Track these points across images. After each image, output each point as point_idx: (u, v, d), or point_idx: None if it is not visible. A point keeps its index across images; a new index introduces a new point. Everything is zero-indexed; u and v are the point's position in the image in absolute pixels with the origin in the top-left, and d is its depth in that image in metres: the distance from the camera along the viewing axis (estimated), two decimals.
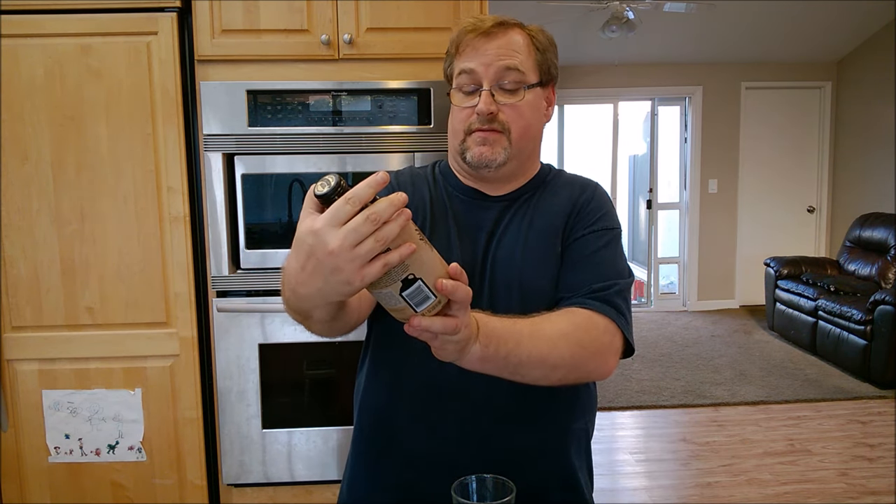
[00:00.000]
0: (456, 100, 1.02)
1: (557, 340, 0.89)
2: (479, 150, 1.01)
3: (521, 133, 1.02)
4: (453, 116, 1.05)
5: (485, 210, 1.06)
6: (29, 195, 1.95)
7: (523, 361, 0.86)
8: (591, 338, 0.93)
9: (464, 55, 1.01)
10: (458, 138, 1.03)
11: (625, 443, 3.44)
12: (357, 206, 0.62)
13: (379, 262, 0.64)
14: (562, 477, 1.07)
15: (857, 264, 5.02)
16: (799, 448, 3.23)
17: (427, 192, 1.09)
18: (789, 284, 5.04)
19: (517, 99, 1.00)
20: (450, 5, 1.98)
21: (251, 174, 2.01)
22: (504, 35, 1.00)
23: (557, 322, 0.92)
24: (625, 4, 4.36)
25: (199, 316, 2.04)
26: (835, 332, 4.42)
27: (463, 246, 1.04)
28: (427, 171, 1.14)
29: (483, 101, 0.98)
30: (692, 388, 4.10)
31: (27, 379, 2.01)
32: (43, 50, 1.91)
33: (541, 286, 1.02)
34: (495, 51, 0.99)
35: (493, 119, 0.99)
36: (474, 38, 0.99)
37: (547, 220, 1.05)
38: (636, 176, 7.48)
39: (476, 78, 1.00)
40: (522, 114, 1.01)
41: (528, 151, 1.06)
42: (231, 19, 1.96)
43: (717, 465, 3.08)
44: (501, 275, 1.02)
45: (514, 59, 1.00)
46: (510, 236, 1.04)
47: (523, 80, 1.01)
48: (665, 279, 6.49)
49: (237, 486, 2.13)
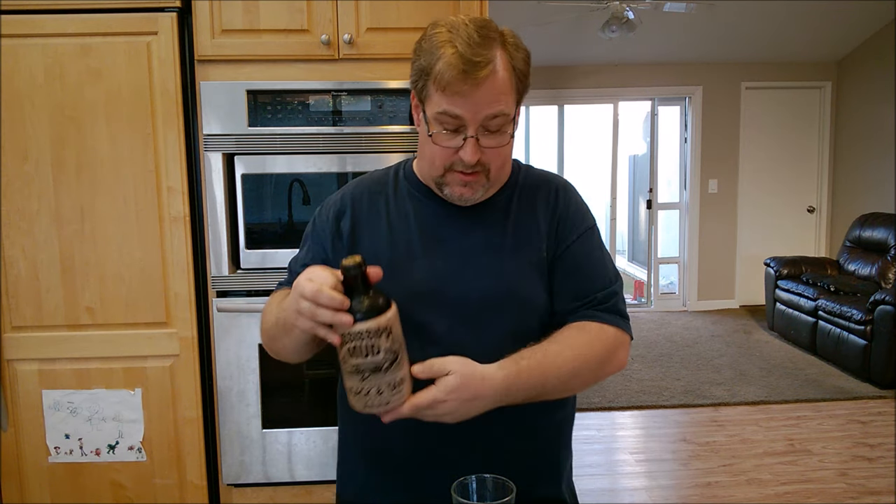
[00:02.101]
0: (438, 137, 0.97)
1: (580, 366, 0.98)
2: (459, 190, 1.00)
3: (499, 168, 1.01)
4: (432, 148, 0.99)
5: (458, 218, 1.05)
6: (29, 195, 1.95)
7: (549, 392, 0.97)
8: (607, 350, 1.01)
9: (448, 96, 0.93)
10: (436, 171, 1.00)
11: (625, 443, 3.44)
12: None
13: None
14: (548, 468, 1.10)
15: (857, 264, 5.02)
16: (799, 448, 3.23)
17: (384, 204, 1.08)
18: (789, 284, 5.04)
19: (502, 142, 0.98)
20: (450, 5, 1.98)
21: (251, 174, 2.01)
22: (493, 76, 0.93)
23: (576, 345, 0.99)
24: (625, 4, 4.36)
25: (199, 316, 2.04)
26: (835, 332, 4.42)
27: (434, 256, 1.03)
28: (389, 178, 1.11)
29: (470, 152, 0.95)
30: (692, 388, 4.10)
31: (27, 379, 2.01)
32: (43, 50, 1.91)
33: (525, 293, 1.03)
34: (484, 98, 0.93)
35: (476, 163, 0.97)
36: (465, 85, 0.91)
37: (528, 227, 1.05)
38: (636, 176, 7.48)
39: (461, 122, 0.95)
40: (502, 152, 0.99)
41: (504, 178, 1.06)
42: (231, 19, 1.96)
43: (717, 465, 3.08)
44: (483, 284, 1.02)
45: (501, 104, 0.95)
46: (492, 245, 1.04)
47: (507, 120, 0.97)
48: (665, 279, 6.49)
49: (237, 486, 2.13)
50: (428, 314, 1.01)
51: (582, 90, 6.05)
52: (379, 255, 1.04)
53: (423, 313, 1.01)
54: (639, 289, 6.66)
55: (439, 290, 1.02)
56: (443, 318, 1.01)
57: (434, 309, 1.02)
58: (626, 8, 4.37)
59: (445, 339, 1.01)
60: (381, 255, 1.04)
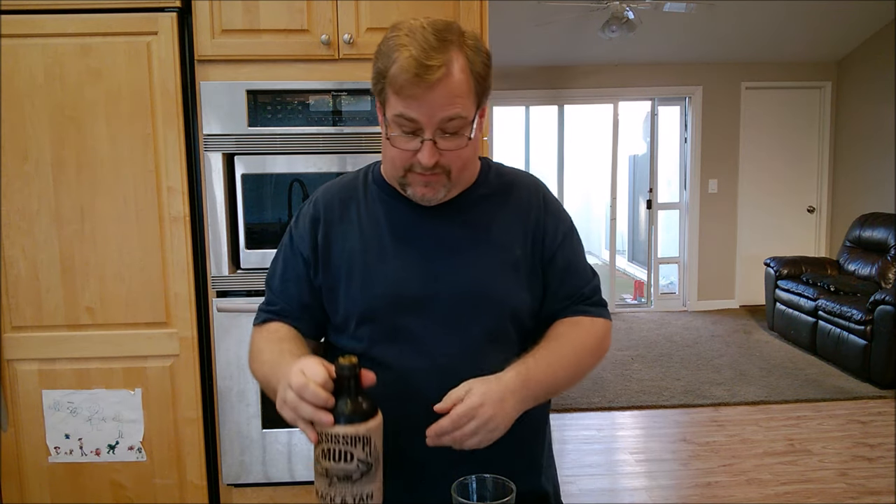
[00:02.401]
0: (397, 140, 0.97)
1: (582, 358, 1.06)
2: (420, 190, 1.00)
3: (460, 170, 1.01)
4: (392, 150, 0.99)
5: (429, 218, 1.05)
6: (29, 195, 1.95)
7: (560, 385, 1.03)
8: (599, 339, 1.09)
9: (403, 99, 0.93)
10: (397, 171, 1.01)
11: (625, 443, 3.44)
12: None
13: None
14: (527, 463, 1.10)
15: (857, 264, 5.02)
16: (799, 448, 3.23)
17: (356, 209, 1.08)
18: (789, 284, 5.04)
19: (460, 144, 0.97)
20: (450, 5, 1.98)
21: (251, 174, 2.01)
22: (448, 79, 0.93)
23: (574, 339, 1.06)
24: (625, 4, 4.36)
25: (199, 316, 2.04)
26: (835, 332, 4.42)
27: (405, 258, 1.04)
28: (359, 182, 1.12)
29: (427, 155, 0.95)
30: (692, 388, 4.10)
31: (27, 379, 2.01)
32: (43, 50, 1.91)
33: (500, 291, 1.04)
34: (439, 101, 0.93)
35: (435, 165, 0.97)
36: (419, 88, 0.92)
37: (503, 226, 1.06)
38: (636, 176, 7.49)
39: (417, 126, 0.95)
40: (461, 155, 0.99)
41: (468, 178, 1.07)
42: (231, 19, 1.96)
43: (717, 465, 3.08)
44: (458, 283, 1.02)
45: (457, 107, 0.94)
46: (465, 243, 1.04)
47: (465, 123, 0.96)
48: (665, 279, 6.49)
49: (237, 486, 2.13)
50: (402, 316, 1.02)
51: (582, 90, 6.05)
52: (352, 259, 1.05)
53: (397, 315, 1.02)
54: (639, 289, 6.66)
55: (413, 292, 1.02)
56: (418, 318, 1.02)
57: (408, 310, 1.02)
58: (626, 8, 4.37)
59: (421, 339, 1.01)
60: (355, 259, 1.05)
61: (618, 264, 6.58)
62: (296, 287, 1.09)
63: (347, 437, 0.80)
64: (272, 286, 1.13)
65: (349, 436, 0.80)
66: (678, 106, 6.23)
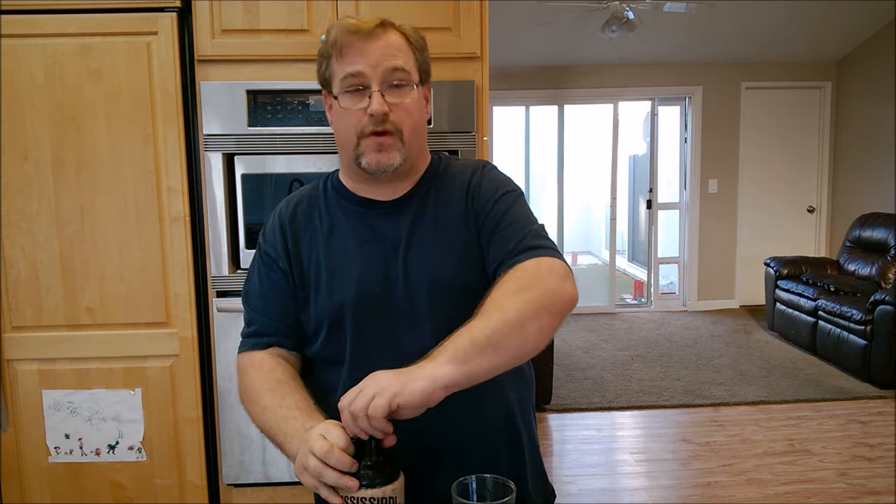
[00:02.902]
0: (345, 102, 1.00)
1: (523, 308, 0.88)
2: (375, 156, 1.01)
3: (412, 132, 1.03)
4: (343, 121, 1.02)
5: (385, 218, 1.06)
6: (29, 195, 1.95)
7: (509, 348, 0.88)
8: (541, 281, 0.93)
9: (346, 57, 0.99)
10: (351, 143, 1.02)
11: (625, 443, 3.44)
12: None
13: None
14: (508, 449, 1.08)
15: (857, 264, 5.02)
16: (799, 448, 3.23)
17: (318, 217, 1.09)
18: (789, 284, 5.04)
19: (407, 97, 1.01)
20: (450, 5, 1.98)
21: (251, 174, 2.01)
22: (385, 35, 1.00)
23: (508, 290, 0.91)
24: (625, 4, 4.36)
25: (199, 316, 2.04)
26: (835, 332, 4.42)
27: (368, 259, 1.04)
28: (319, 191, 1.13)
29: (376, 102, 0.98)
30: (692, 388, 4.10)
31: (27, 379, 2.01)
32: (43, 50, 1.91)
33: (459, 281, 1.03)
34: (380, 51, 0.99)
35: (386, 119, 0.99)
36: (357, 39, 0.98)
37: (449, 213, 1.06)
38: (636, 176, 7.49)
39: (363, 80, 0.99)
40: (411, 113, 1.02)
41: (418, 148, 1.07)
42: (231, 19, 1.96)
43: (717, 465, 3.08)
44: (417, 279, 1.02)
45: (399, 59, 1.00)
46: (418, 239, 1.04)
47: (409, 78, 1.01)
48: (665, 279, 6.49)
49: (237, 486, 2.13)
50: (369, 317, 1.03)
51: (582, 90, 6.05)
52: (319, 266, 1.06)
53: (364, 317, 1.03)
54: (639, 289, 6.66)
55: (377, 293, 1.03)
56: (385, 319, 1.02)
57: (374, 311, 1.03)
58: (626, 8, 4.37)
59: (391, 339, 1.02)
60: (321, 266, 1.06)
61: (618, 264, 6.58)
62: (276, 302, 1.09)
63: (374, 499, 0.82)
64: (251, 304, 1.12)
65: (376, 498, 0.82)
66: (678, 106, 6.23)
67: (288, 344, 1.10)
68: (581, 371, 4.46)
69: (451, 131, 2.02)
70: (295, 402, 0.98)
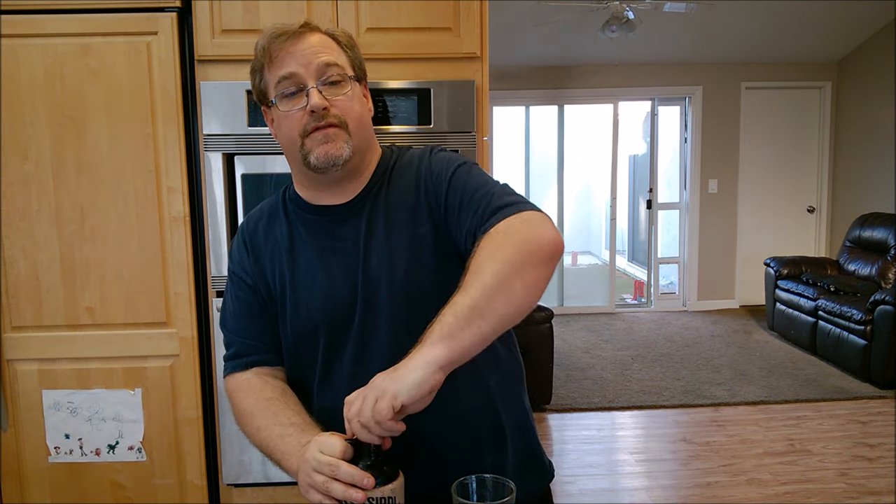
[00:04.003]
0: (284, 106, 0.99)
1: (503, 267, 0.85)
2: (322, 149, 0.98)
3: (357, 123, 1.01)
4: (284, 125, 1.00)
5: (343, 223, 1.05)
6: (29, 195, 1.95)
7: (497, 309, 0.85)
8: (507, 239, 0.89)
9: (278, 61, 0.99)
10: (296, 145, 1.00)
11: (625, 443, 3.44)
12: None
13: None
14: (491, 437, 1.07)
15: (857, 264, 5.02)
16: (799, 448, 3.23)
17: (278, 231, 1.09)
18: (789, 284, 5.04)
19: (344, 91, 1.00)
20: (450, 5, 1.98)
21: (251, 174, 2.01)
22: (312, 35, 1.01)
23: (485, 254, 0.88)
24: (625, 4, 4.36)
25: (199, 316, 2.04)
26: (835, 332, 4.42)
27: (331, 268, 1.03)
28: (278, 205, 1.13)
29: (314, 97, 0.97)
30: (692, 388, 4.10)
31: (27, 379, 2.01)
32: (43, 50, 1.91)
33: (420, 278, 1.01)
34: (310, 50, 0.99)
35: (328, 114, 0.98)
36: (285, 41, 0.99)
37: (403, 209, 1.03)
38: (636, 176, 7.49)
39: (298, 80, 0.98)
40: (353, 104, 1.01)
41: (366, 142, 1.05)
42: (231, 19, 1.96)
43: (717, 465, 3.08)
44: (377, 281, 1.01)
45: (331, 55, 1.00)
46: (376, 240, 1.03)
47: (344, 73, 1.01)
48: (665, 279, 6.49)
49: (237, 486, 2.13)
50: (341, 325, 1.02)
51: (582, 90, 6.05)
52: (283, 280, 1.05)
53: (336, 325, 1.02)
54: (639, 289, 6.66)
55: (345, 300, 1.02)
56: (356, 326, 1.01)
57: (344, 319, 1.02)
58: (626, 8, 4.37)
59: (365, 344, 1.01)
60: (286, 279, 1.05)
61: (618, 264, 6.58)
62: (250, 320, 1.09)
63: (374, 499, 0.83)
64: (228, 327, 1.12)
65: (375, 498, 0.83)
66: (678, 106, 6.23)
67: (270, 360, 1.09)
68: (581, 371, 4.46)
69: (450, 131, 2.02)
70: (288, 419, 0.98)
